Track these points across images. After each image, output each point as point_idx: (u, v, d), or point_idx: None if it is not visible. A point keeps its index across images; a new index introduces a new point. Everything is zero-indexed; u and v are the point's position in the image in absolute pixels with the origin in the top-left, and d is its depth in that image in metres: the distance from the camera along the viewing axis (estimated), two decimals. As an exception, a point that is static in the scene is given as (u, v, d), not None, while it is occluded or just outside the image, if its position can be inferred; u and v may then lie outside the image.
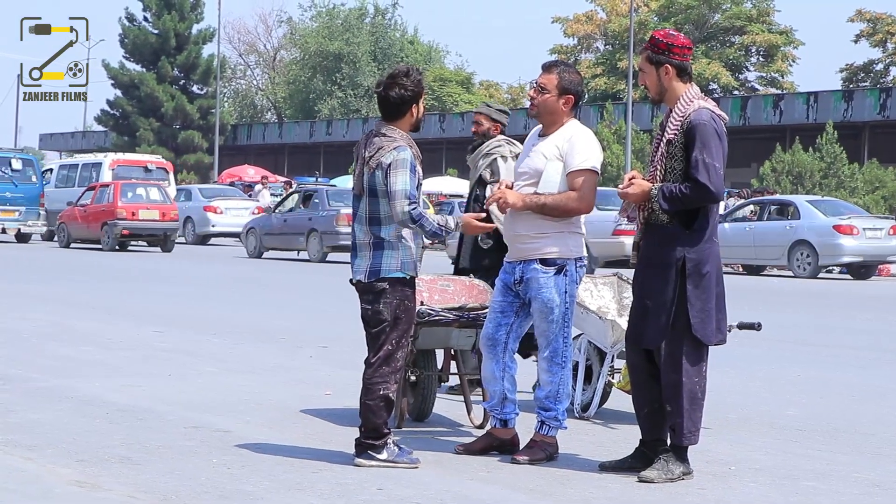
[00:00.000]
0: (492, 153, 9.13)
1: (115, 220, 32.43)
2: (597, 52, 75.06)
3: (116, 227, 32.46)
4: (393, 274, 6.78)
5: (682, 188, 6.54)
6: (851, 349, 13.56)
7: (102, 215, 32.98)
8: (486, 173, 9.10)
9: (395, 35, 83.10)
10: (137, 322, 14.06)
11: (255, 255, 31.79)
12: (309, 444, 7.34)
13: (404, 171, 6.72)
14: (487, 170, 9.11)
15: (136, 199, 33.29)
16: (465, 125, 63.42)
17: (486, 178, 9.09)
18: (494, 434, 7.24)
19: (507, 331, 7.15)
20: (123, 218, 32.47)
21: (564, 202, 6.94)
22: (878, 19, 67.96)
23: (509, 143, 9.20)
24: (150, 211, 32.81)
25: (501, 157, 9.07)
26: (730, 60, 69.95)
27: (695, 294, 6.58)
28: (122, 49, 74.49)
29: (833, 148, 43.93)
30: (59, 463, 6.65)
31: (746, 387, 10.33)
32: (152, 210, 32.83)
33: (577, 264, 7.05)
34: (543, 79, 7.09)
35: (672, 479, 6.58)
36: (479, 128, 9.27)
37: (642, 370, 6.77)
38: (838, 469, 7.10)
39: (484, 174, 9.11)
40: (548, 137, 7.07)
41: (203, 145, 72.94)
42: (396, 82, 6.86)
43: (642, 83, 6.93)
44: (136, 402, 8.59)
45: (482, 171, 9.12)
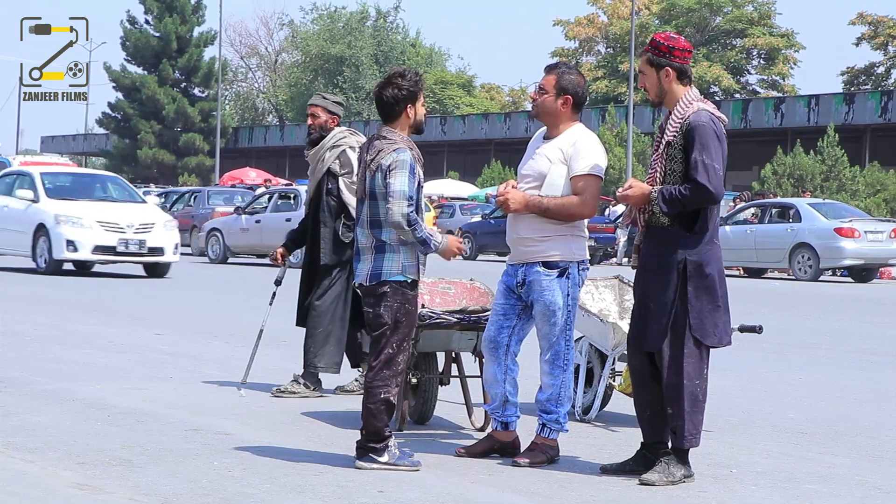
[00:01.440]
0: (339, 145, 9.19)
1: None
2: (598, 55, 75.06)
3: None
4: (394, 277, 6.78)
5: (682, 190, 6.54)
6: (853, 352, 13.56)
7: None
8: (336, 165, 9.16)
9: (397, 38, 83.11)
10: (138, 325, 14.06)
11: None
12: (310, 446, 7.34)
13: (403, 173, 6.72)
14: (336, 161, 9.16)
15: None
16: (466, 128, 63.47)
17: (337, 171, 9.14)
18: (495, 437, 7.24)
19: (509, 334, 7.15)
20: None
21: (567, 206, 6.94)
22: (879, 22, 67.96)
23: (353, 133, 9.32)
24: None
25: (350, 148, 9.15)
26: (731, 63, 69.96)
27: (695, 296, 6.58)
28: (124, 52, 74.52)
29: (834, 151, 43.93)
30: (60, 466, 6.65)
31: (748, 389, 10.33)
32: None
33: (579, 267, 7.05)
34: (544, 80, 7.10)
35: (673, 481, 6.58)
36: (315, 120, 9.27)
37: (643, 373, 6.77)
38: (840, 472, 7.10)
39: (333, 166, 9.16)
40: (552, 140, 7.07)
41: (204, 148, 72.97)
42: (391, 82, 6.88)
43: (642, 86, 6.93)
44: (138, 405, 8.59)
45: (330, 163, 9.15)
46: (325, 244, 9.09)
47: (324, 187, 9.13)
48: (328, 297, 9.07)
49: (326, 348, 9.08)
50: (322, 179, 9.15)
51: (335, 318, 9.08)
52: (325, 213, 9.11)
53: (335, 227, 9.07)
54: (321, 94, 9.63)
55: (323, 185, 9.14)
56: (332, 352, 9.10)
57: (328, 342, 9.08)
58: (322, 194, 9.13)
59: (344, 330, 9.12)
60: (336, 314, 9.09)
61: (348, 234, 8.97)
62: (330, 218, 9.09)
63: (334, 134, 9.22)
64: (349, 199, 9.00)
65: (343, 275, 9.07)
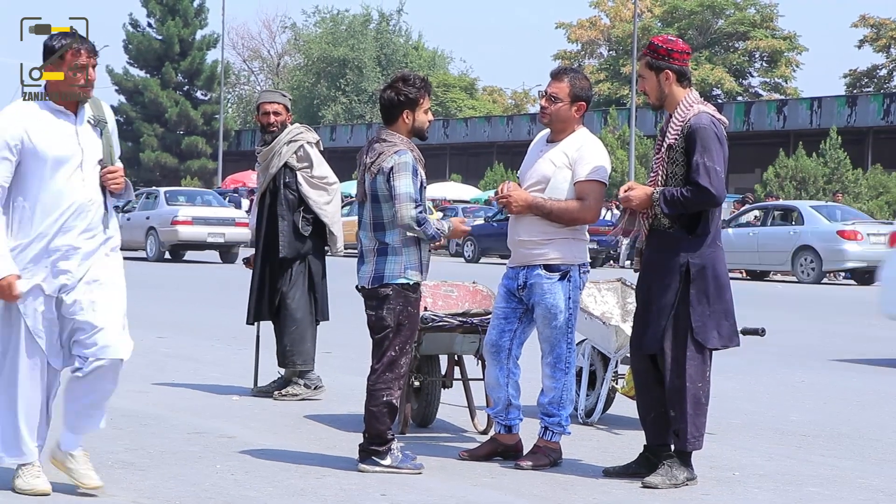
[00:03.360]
0: (296, 140, 9.31)
1: None
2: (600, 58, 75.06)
3: None
4: (397, 280, 6.78)
5: (684, 192, 6.54)
6: (855, 354, 13.55)
7: None
8: (293, 159, 9.25)
9: (400, 41, 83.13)
10: (140, 328, 14.05)
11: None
12: (313, 449, 7.34)
13: (406, 174, 6.73)
14: (294, 156, 9.25)
15: None
16: (468, 131, 63.46)
17: (294, 165, 9.24)
18: (498, 440, 7.24)
19: (511, 337, 7.14)
20: None
21: (571, 210, 6.94)
22: (881, 25, 67.94)
23: (308, 129, 9.43)
24: None
25: (308, 143, 9.29)
26: (733, 66, 69.94)
27: (697, 298, 6.58)
28: (126, 55, 74.54)
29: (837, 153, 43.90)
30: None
31: (750, 392, 10.33)
32: None
33: (580, 270, 7.04)
34: (554, 88, 7.06)
35: (676, 484, 6.58)
36: (278, 118, 9.37)
37: (646, 375, 6.77)
38: (842, 475, 7.09)
39: (290, 160, 9.24)
40: (557, 144, 7.07)
41: (207, 151, 73.00)
42: (392, 86, 6.90)
43: (642, 89, 6.93)
44: (141, 408, 8.59)
45: (288, 157, 9.23)
46: (283, 237, 9.18)
47: (280, 181, 9.23)
48: (296, 293, 9.20)
49: (304, 346, 9.18)
50: (278, 173, 9.24)
51: (305, 314, 9.22)
52: (282, 207, 9.20)
53: (294, 219, 9.17)
54: (279, 92, 9.72)
55: (280, 179, 9.24)
56: (309, 349, 9.24)
57: (304, 339, 9.19)
58: (279, 188, 9.22)
59: (313, 325, 9.23)
60: (306, 310, 9.23)
61: (307, 227, 9.15)
62: (288, 211, 9.19)
63: (290, 129, 9.36)
64: (308, 193, 9.19)
65: (302, 268, 9.23)
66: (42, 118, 5.89)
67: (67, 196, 5.86)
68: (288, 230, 9.16)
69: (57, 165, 5.84)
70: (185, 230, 30.47)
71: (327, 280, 9.44)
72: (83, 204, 5.90)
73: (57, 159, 5.84)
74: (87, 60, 5.92)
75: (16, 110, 5.91)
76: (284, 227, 9.16)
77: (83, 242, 5.90)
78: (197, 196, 33.97)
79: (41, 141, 5.83)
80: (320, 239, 9.31)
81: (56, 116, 5.92)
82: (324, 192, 9.25)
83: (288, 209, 9.18)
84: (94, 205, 5.94)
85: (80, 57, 5.91)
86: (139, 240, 30.92)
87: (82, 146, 5.92)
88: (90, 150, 5.96)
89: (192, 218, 30.58)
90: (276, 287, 9.22)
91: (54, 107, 5.93)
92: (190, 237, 30.63)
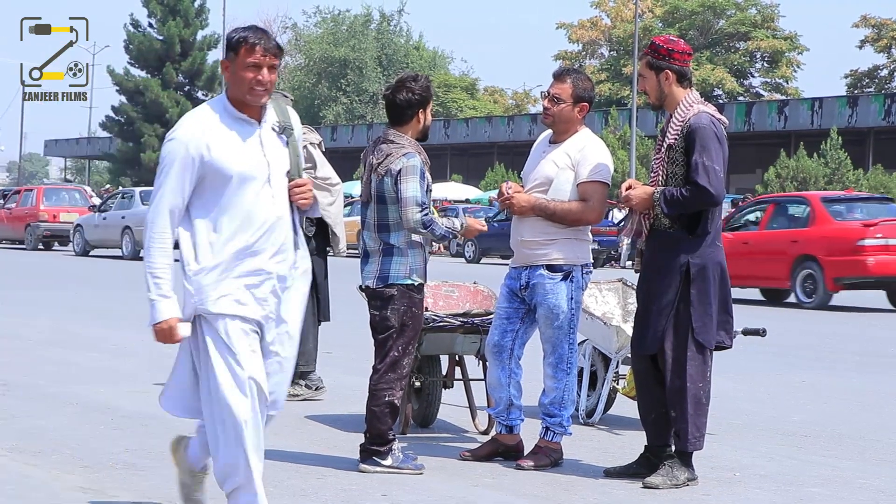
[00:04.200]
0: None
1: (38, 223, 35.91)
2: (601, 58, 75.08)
3: (39, 229, 35.91)
4: (402, 280, 6.78)
5: (683, 191, 6.55)
6: (856, 355, 13.54)
7: (26, 217, 36.35)
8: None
9: (400, 41, 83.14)
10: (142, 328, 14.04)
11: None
12: (313, 450, 7.34)
13: (414, 178, 6.73)
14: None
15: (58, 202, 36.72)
16: (469, 131, 63.44)
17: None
18: (499, 440, 7.24)
19: (513, 337, 7.15)
20: (45, 220, 35.88)
21: (574, 211, 6.94)
22: (882, 25, 67.95)
23: (311, 130, 9.44)
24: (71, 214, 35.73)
25: (311, 144, 9.29)
26: (734, 66, 69.95)
27: (698, 298, 6.59)
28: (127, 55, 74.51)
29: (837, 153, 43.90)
30: (64, 469, 6.65)
31: (751, 392, 10.33)
32: (73, 213, 35.66)
33: (583, 271, 7.05)
34: (557, 89, 7.07)
35: (677, 485, 6.58)
36: None
37: (647, 376, 6.78)
38: (843, 475, 7.09)
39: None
40: (560, 145, 7.07)
41: (208, 151, 72.92)
42: (405, 86, 6.88)
43: (642, 89, 6.94)
44: (141, 409, 8.59)
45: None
46: None
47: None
48: None
49: (306, 346, 9.19)
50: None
51: (308, 314, 9.21)
52: None
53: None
54: (280, 93, 9.71)
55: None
56: (310, 349, 9.27)
57: (306, 340, 9.19)
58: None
59: (315, 325, 9.29)
60: (308, 311, 9.22)
61: (311, 228, 9.14)
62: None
63: None
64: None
65: None
66: (223, 128, 5.11)
67: (257, 215, 5.10)
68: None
69: (244, 182, 5.08)
70: None
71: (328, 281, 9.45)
72: (273, 223, 5.14)
73: (243, 175, 5.07)
74: (260, 59, 5.09)
75: (195, 121, 5.15)
76: None
77: (274, 266, 5.16)
78: None
79: (223, 154, 5.06)
80: (323, 239, 9.33)
81: (238, 125, 5.13)
82: (327, 193, 9.26)
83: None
84: (283, 223, 5.20)
85: (254, 54, 5.09)
86: (115, 239, 31.98)
87: (268, 158, 5.15)
88: (277, 162, 5.19)
89: None
90: None
91: (235, 114, 5.14)
92: None
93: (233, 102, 5.13)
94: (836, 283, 19.76)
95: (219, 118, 5.12)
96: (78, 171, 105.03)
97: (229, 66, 5.11)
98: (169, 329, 5.12)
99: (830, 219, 20.00)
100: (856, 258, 19.47)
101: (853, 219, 20.28)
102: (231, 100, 5.14)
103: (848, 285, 19.92)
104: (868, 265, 19.45)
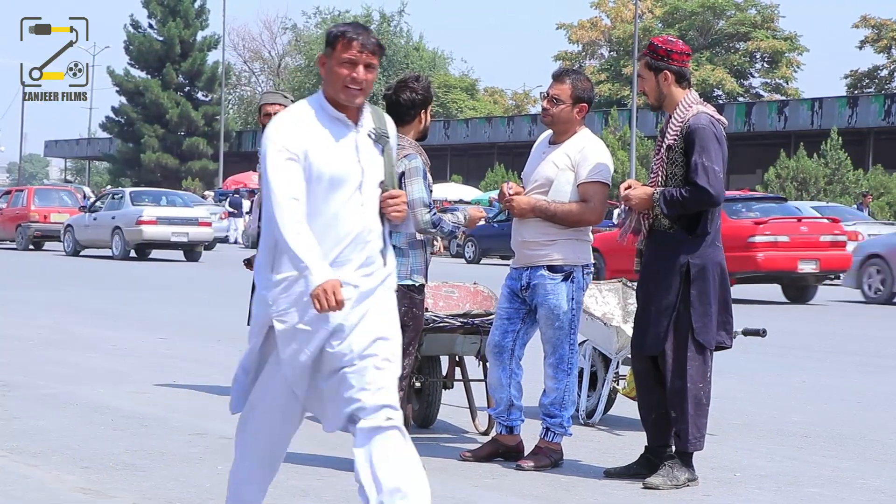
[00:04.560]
0: None
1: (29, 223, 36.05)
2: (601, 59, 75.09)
3: (29, 229, 36.09)
4: (402, 281, 6.78)
5: (682, 192, 6.55)
6: (856, 355, 13.54)
7: (17, 218, 36.54)
8: None
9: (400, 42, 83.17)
10: (141, 328, 14.07)
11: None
12: (314, 450, 7.33)
13: (418, 179, 6.74)
14: None
15: (49, 202, 36.86)
16: (469, 132, 63.46)
17: None
18: (500, 441, 7.24)
19: (514, 338, 7.15)
20: (36, 220, 36.02)
21: (575, 212, 6.95)
22: (882, 25, 67.95)
23: None
24: (62, 214, 35.82)
25: None
26: (734, 67, 69.97)
27: (698, 299, 6.59)
28: (127, 56, 74.62)
29: (837, 154, 43.91)
30: (63, 470, 6.65)
31: (751, 393, 10.32)
32: (64, 213, 35.78)
33: (583, 271, 7.05)
34: (556, 89, 7.07)
35: (677, 485, 6.58)
36: None
37: (647, 376, 6.78)
38: (843, 476, 7.09)
39: None
40: (559, 146, 7.07)
41: (208, 152, 73.02)
42: (407, 86, 6.90)
43: (641, 89, 6.94)
44: (141, 409, 8.60)
45: None
46: None
47: None
48: None
49: None
50: None
51: None
52: None
53: None
54: (281, 93, 9.72)
55: None
56: None
57: None
58: None
59: None
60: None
61: None
62: None
63: None
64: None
65: None
66: (320, 128, 4.76)
67: (344, 223, 4.72)
68: None
69: (334, 186, 4.70)
70: (149, 230, 31.41)
71: None
72: (361, 233, 4.75)
73: (335, 178, 4.70)
74: (357, 55, 4.73)
75: (293, 118, 4.77)
76: None
77: (360, 280, 4.74)
78: (161, 196, 35.18)
79: (319, 155, 4.70)
80: None
81: (334, 125, 4.78)
82: None
83: None
84: (372, 235, 4.80)
85: (351, 50, 4.74)
86: (105, 239, 32.20)
87: (362, 164, 4.78)
88: (371, 170, 4.80)
89: (156, 218, 31.56)
90: None
91: (332, 112, 4.78)
92: (154, 237, 31.64)
93: (329, 101, 4.79)
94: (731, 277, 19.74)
95: (314, 115, 4.77)
96: (78, 172, 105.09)
97: (325, 62, 4.77)
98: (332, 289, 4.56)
99: (726, 217, 20.10)
100: (747, 254, 20.36)
101: (747, 217, 21.20)
102: (328, 98, 4.79)
103: (741, 279, 20.61)
104: (758, 260, 20.43)
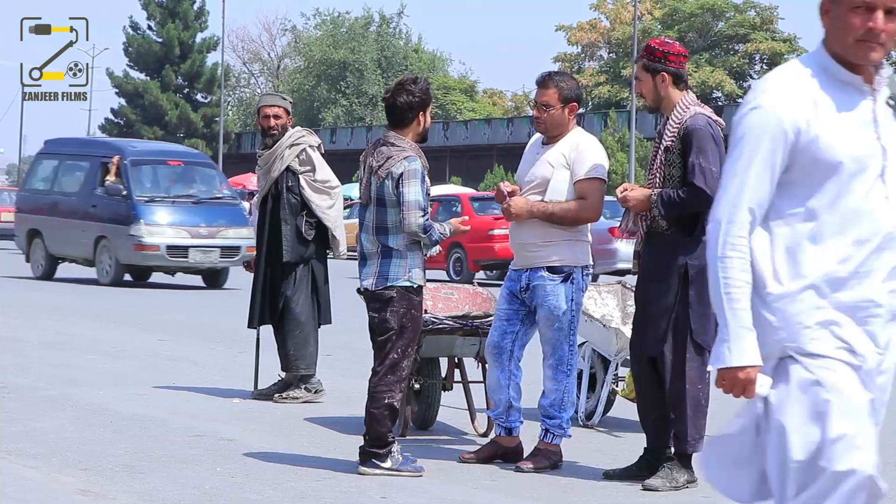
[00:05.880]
0: (298, 143, 9.31)
1: None
2: (600, 61, 75.08)
3: None
4: (401, 282, 6.78)
5: (680, 193, 6.56)
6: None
7: None
8: (295, 163, 9.26)
9: (400, 43, 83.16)
10: (141, 330, 14.06)
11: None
12: (313, 452, 7.34)
13: (416, 182, 6.74)
14: (296, 159, 9.26)
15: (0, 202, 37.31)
16: (468, 133, 63.47)
17: (297, 169, 9.24)
18: (499, 442, 7.24)
19: (513, 339, 7.15)
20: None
21: (573, 210, 6.95)
22: (881, 27, 67.95)
23: (310, 133, 9.48)
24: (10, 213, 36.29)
25: (310, 147, 9.31)
26: (734, 68, 69.97)
27: (697, 300, 6.58)
28: (126, 57, 74.54)
29: (837, 155, 43.91)
30: (63, 471, 6.65)
31: (751, 395, 10.30)
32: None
33: (583, 272, 7.05)
34: (543, 96, 7.09)
35: (676, 487, 6.58)
36: (278, 121, 9.34)
37: (646, 378, 6.78)
38: (843, 477, 7.07)
39: (293, 164, 9.24)
40: (553, 146, 7.08)
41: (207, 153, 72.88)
42: (405, 88, 6.88)
43: (639, 91, 6.95)
44: (141, 411, 8.59)
45: (290, 160, 9.24)
46: (287, 241, 9.18)
47: (283, 185, 9.23)
48: (300, 297, 9.20)
49: (307, 350, 9.19)
50: (280, 177, 9.24)
51: (309, 318, 9.24)
52: (285, 211, 9.20)
53: (297, 223, 9.16)
54: (279, 95, 9.75)
55: (282, 183, 9.24)
56: (312, 352, 9.25)
57: (308, 343, 9.21)
58: (281, 192, 9.22)
59: (316, 328, 9.24)
60: (310, 314, 9.24)
61: (310, 231, 9.15)
62: (291, 215, 9.19)
63: (292, 133, 9.35)
64: (311, 197, 9.19)
65: (306, 272, 9.22)
66: (824, 95, 3.65)
67: (864, 222, 3.62)
68: (291, 234, 9.16)
69: (849, 173, 3.62)
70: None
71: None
72: (889, 234, 3.65)
73: (849, 163, 3.62)
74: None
75: (788, 83, 3.69)
76: (288, 231, 9.16)
77: (886, 297, 3.66)
78: None
79: (828, 133, 3.61)
80: (322, 243, 9.32)
81: (844, 92, 3.66)
82: (326, 195, 9.26)
83: (291, 213, 9.18)
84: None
85: None
86: None
87: (883, 142, 3.67)
88: (894, 150, 3.69)
89: None
90: (279, 291, 9.22)
91: (842, 74, 3.66)
92: None
93: (836, 59, 3.66)
94: (476, 264, 24.87)
95: (817, 82, 3.66)
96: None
97: (830, 10, 3.66)
98: (747, 379, 3.78)
99: (473, 213, 24.80)
100: (488, 245, 24.26)
101: (489, 213, 24.78)
102: (833, 56, 3.67)
103: (484, 266, 25.49)
104: (496, 250, 24.02)
